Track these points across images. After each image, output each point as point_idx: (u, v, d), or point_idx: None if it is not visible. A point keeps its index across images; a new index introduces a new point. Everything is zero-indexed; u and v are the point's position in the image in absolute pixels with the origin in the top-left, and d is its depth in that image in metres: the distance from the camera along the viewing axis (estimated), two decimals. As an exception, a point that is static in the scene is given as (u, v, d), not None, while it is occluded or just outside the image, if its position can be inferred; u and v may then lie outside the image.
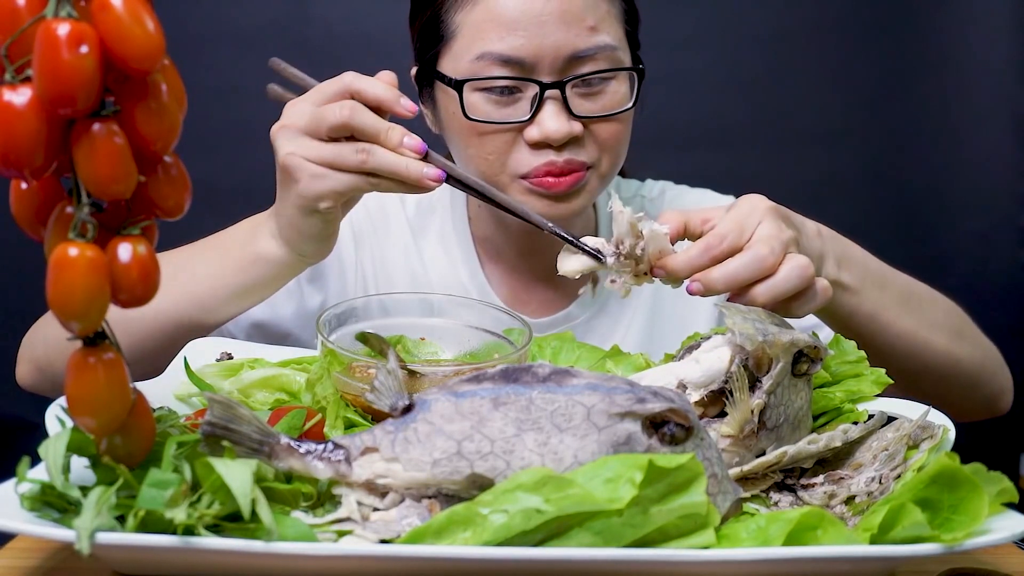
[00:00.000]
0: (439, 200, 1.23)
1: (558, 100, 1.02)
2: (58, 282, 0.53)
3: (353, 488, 0.63)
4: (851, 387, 0.84)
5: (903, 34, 1.89)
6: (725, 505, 0.65)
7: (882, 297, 0.99)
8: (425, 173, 0.86)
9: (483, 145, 1.05)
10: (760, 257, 0.82)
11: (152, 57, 0.53)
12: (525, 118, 1.03)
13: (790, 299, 0.83)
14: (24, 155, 0.53)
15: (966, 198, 1.91)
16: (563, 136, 1.02)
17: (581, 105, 1.04)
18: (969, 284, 1.88)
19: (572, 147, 1.04)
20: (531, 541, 0.58)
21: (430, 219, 1.23)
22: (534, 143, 1.03)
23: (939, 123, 1.90)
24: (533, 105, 1.02)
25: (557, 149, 1.03)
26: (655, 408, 0.64)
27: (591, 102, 1.04)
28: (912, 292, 1.04)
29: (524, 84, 1.03)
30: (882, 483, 0.71)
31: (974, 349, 1.07)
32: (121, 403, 0.58)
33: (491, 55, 1.01)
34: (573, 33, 1.01)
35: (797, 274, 0.82)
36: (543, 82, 1.02)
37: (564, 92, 1.02)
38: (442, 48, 1.06)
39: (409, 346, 0.95)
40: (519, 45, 1.01)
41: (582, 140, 1.04)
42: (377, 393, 0.67)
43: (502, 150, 1.04)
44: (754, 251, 0.82)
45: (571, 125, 1.02)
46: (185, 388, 0.84)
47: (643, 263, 0.83)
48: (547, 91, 1.02)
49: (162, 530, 0.57)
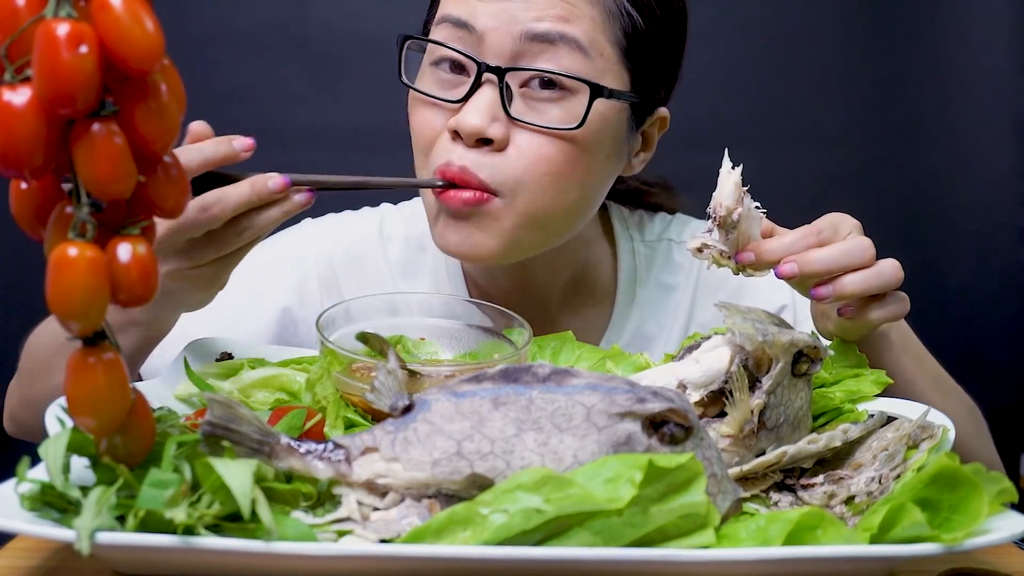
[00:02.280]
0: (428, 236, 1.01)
1: (494, 92, 0.90)
2: (58, 282, 0.53)
3: (353, 488, 0.63)
4: (851, 387, 0.84)
5: (903, 34, 1.89)
6: (725, 505, 0.65)
7: (919, 369, 0.93)
8: (296, 202, 0.80)
9: (415, 123, 0.95)
10: (862, 247, 0.80)
11: (152, 57, 0.53)
12: (457, 99, 0.91)
13: (872, 299, 0.82)
14: (24, 155, 0.53)
15: (966, 198, 1.92)
16: (472, 131, 0.89)
17: (522, 110, 0.91)
18: (969, 284, 1.88)
19: (485, 155, 0.90)
20: (531, 541, 0.58)
21: (419, 259, 1.12)
22: (452, 133, 0.91)
23: (939, 123, 1.91)
24: (468, 90, 0.90)
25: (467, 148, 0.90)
26: (655, 408, 0.64)
27: (535, 111, 0.91)
28: (943, 376, 0.98)
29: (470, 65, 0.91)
30: (882, 483, 0.71)
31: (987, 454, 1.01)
32: (121, 403, 0.58)
33: (448, 17, 0.92)
34: (534, 13, 0.89)
35: (891, 271, 0.81)
36: (482, 63, 0.90)
37: (502, 81, 0.89)
38: (430, 18, 1.00)
39: (409, 346, 0.95)
40: (472, 10, 0.90)
41: (502, 152, 0.90)
42: (377, 393, 0.67)
43: (428, 135, 0.93)
44: (855, 242, 0.81)
45: (490, 124, 0.89)
46: (185, 388, 0.84)
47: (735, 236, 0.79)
48: (484, 75, 0.89)
49: (162, 530, 0.57)
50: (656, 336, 1.13)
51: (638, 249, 1.15)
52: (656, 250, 1.16)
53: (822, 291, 0.80)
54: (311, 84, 1.82)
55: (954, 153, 1.91)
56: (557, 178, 0.92)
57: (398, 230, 1.14)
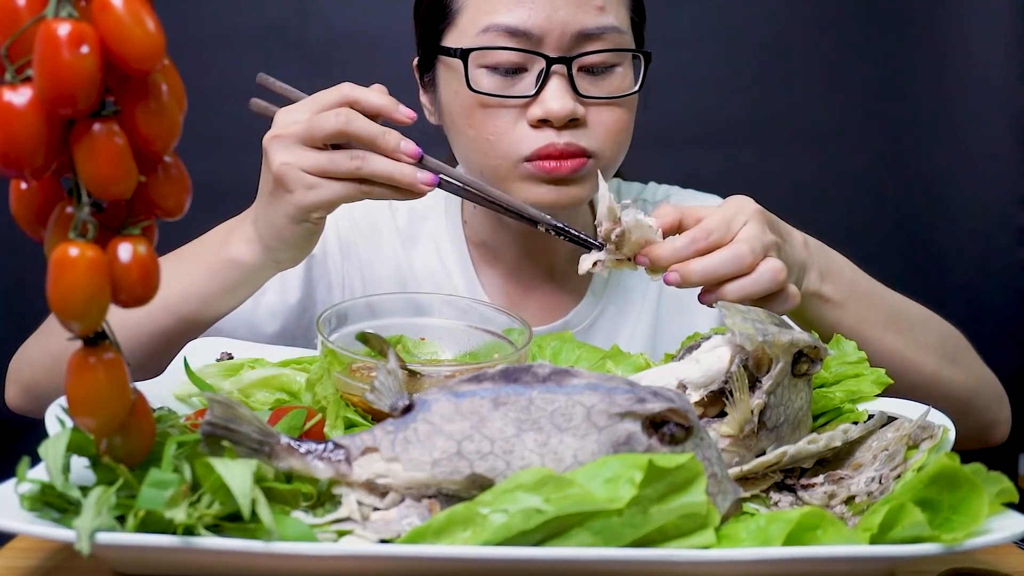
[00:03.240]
0: (432, 207, 1.21)
1: (563, 78, 1.01)
2: (58, 282, 0.53)
3: (353, 488, 0.63)
4: (851, 387, 0.84)
5: (903, 34, 1.89)
6: (725, 505, 0.65)
7: (868, 313, 0.99)
8: (419, 178, 0.87)
9: (485, 124, 1.03)
10: (740, 255, 0.84)
11: (152, 57, 0.53)
12: (529, 94, 1.02)
13: (759, 301, 0.85)
14: (24, 155, 0.53)
15: (966, 198, 1.91)
16: (566, 114, 1.00)
17: (586, 87, 1.03)
18: (969, 284, 1.88)
19: (573, 130, 1.02)
20: (531, 541, 0.58)
21: (421, 227, 1.21)
22: (535, 122, 1.01)
23: (939, 123, 1.90)
24: (538, 82, 1.01)
25: (558, 130, 1.01)
26: (655, 408, 0.64)
27: (596, 86, 1.03)
28: (903, 312, 1.04)
29: (530, 61, 1.01)
30: (882, 483, 0.71)
31: (967, 375, 1.06)
32: (121, 403, 0.58)
33: (498, 27, 1.01)
34: (582, 10, 1.01)
35: (769, 277, 0.85)
36: (550, 56, 1.01)
37: (570, 69, 1.01)
38: (446, 26, 1.06)
39: (409, 346, 0.95)
40: (526, 16, 1.00)
41: (584, 125, 1.03)
42: (377, 393, 0.67)
43: (503, 130, 1.03)
44: (735, 249, 0.85)
45: (575, 105, 1.01)
46: (185, 388, 0.84)
47: (624, 248, 0.86)
48: (553, 66, 1.01)
49: (162, 530, 0.57)
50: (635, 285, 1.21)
51: None
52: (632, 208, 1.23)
53: (707, 298, 0.86)
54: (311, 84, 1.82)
55: (954, 153, 1.91)
56: (627, 133, 1.08)
57: (402, 207, 1.22)
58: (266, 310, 1.11)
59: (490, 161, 1.04)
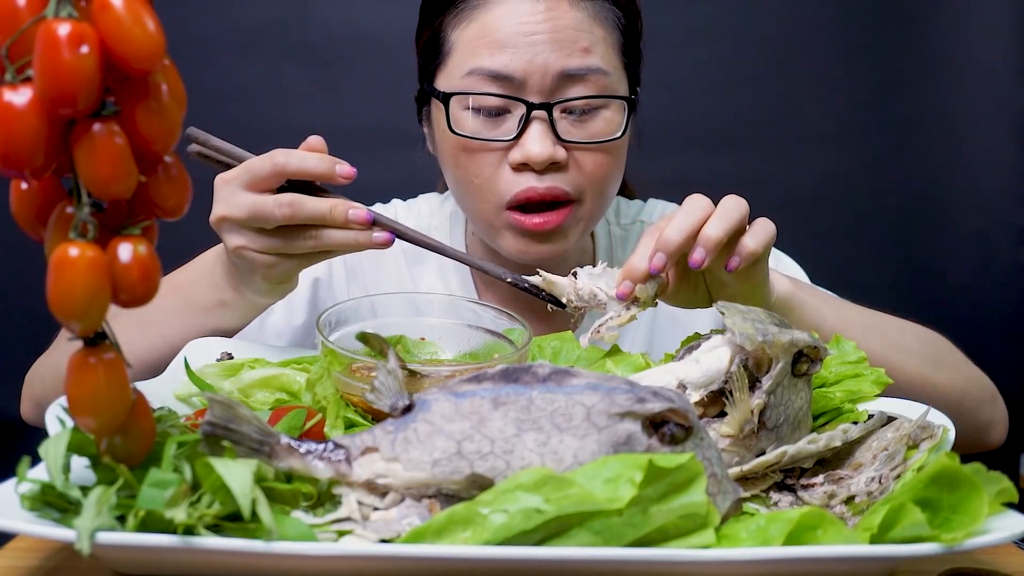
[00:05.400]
0: (437, 227, 1.23)
1: (544, 122, 1.01)
2: (59, 282, 0.53)
3: (353, 488, 0.63)
4: (851, 387, 0.84)
5: (903, 34, 1.89)
6: (725, 505, 0.65)
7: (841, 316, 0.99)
8: (374, 239, 0.88)
9: (469, 166, 1.05)
10: (697, 206, 0.85)
11: (153, 57, 0.53)
12: (510, 137, 1.02)
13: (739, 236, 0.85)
14: (24, 155, 0.53)
15: (966, 198, 1.91)
16: (545, 159, 1.01)
17: (569, 130, 1.03)
18: (969, 284, 1.88)
19: (555, 174, 1.02)
20: (531, 541, 0.58)
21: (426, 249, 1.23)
22: (516, 165, 1.03)
23: (939, 123, 1.91)
24: (520, 125, 1.02)
25: (539, 174, 1.02)
26: (655, 408, 0.64)
27: (579, 128, 1.03)
28: (876, 318, 1.05)
29: (512, 104, 1.02)
30: (882, 483, 0.71)
31: (953, 377, 1.05)
32: (121, 403, 0.58)
33: (481, 71, 1.02)
34: (565, 53, 1.01)
35: (734, 203, 0.85)
36: (530, 102, 1.01)
37: (551, 114, 1.01)
38: (439, 65, 1.07)
39: (409, 346, 0.95)
40: (508, 61, 1.01)
41: (567, 168, 1.03)
42: (377, 393, 0.67)
43: (487, 173, 1.04)
44: (691, 203, 0.85)
45: (555, 149, 1.01)
46: (185, 388, 0.84)
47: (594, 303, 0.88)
48: (534, 111, 1.01)
49: (162, 530, 0.57)
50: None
51: (614, 232, 1.26)
52: (630, 232, 1.26)
53: (696, 256, 0.84)
54: (311, 84, 1.82)
55: (954, 153, 1.91)
56: (611, 177, 1.07)
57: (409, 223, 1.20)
58: (272, 331, 1.14)
59: (477, 204, 1.06)
